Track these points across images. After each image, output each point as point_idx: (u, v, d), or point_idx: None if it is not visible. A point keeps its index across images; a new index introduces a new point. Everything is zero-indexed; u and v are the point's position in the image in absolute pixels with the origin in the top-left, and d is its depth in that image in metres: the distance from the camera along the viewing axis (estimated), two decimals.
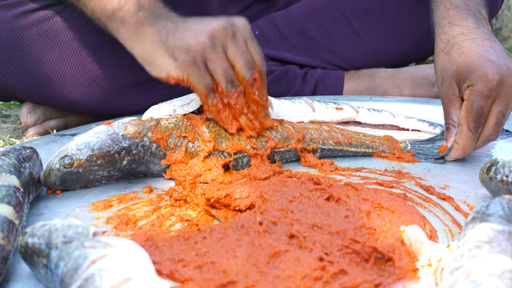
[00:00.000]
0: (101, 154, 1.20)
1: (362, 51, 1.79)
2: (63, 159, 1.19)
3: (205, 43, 1.22)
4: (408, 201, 1.15)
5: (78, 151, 1.20)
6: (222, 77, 1.23)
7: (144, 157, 1.24)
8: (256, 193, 1.13)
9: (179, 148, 1.26)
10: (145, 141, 1.24)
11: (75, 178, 1.21)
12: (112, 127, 1.23)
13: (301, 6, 1.82)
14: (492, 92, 1.24)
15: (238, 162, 1.29)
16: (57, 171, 1.19)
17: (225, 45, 1.23)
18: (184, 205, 1.17)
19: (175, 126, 1.27)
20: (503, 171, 1.10)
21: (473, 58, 1.27)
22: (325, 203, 1.08)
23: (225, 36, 1.23)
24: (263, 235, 0.99)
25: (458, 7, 1.35)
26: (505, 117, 1.28)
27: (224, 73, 1.23)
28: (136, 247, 0.88)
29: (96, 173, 1.22)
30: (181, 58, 1.22)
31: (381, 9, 1.76)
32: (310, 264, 0.92)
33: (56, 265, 0.87)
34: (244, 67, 1.24)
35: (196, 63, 1.22)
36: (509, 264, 0.80)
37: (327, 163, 1.31)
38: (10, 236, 0.98)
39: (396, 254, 0.94)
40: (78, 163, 1.19)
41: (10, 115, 1.94)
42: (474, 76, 1.25)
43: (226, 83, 1.23)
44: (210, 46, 1.22)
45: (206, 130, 1.28)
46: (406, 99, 1.66)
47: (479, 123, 1.27)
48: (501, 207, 0.93)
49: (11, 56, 1.51)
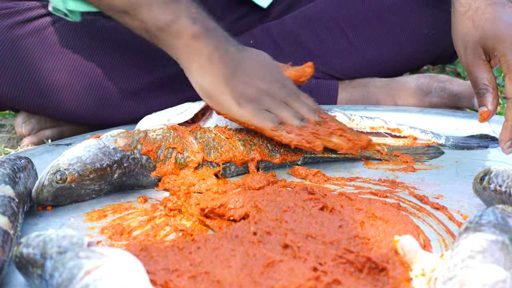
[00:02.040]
0: (94, 168, 1.20)
1: (357, 61, 1.79)
2: (55, 175, 1.18)
3: (271, 96, 1.29)
4: (402, 211, 1.15)
5: (70, 166, 1.19)
6: (294, 119, 1.29)
7: (135, 169, 1.24)
8: (250, 203, 1.13)
9: (169, 159, 1.26)
10: (135, 153, 1.23)
11: (67, 193, 1.20)
12: (102, 140, 1.23)
13: (296, 16, 1.82)
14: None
15: (226, 170, 1.30)
16: (50, 187, 1.18)
17: (284, 100, 1.30)
18: (178, 215, 1.17)
19: (163, 138, 1.27)
20: (497, 180, 1.10)
21: (500, 26, 1.27)
22: (319, 213, 1.09)
23: (285, 91, 1.31)
24: (257, 245, 1.00)
25: None
26: None
27: (294, 115, 1.29)
28: (130, 257, 0.88)
29: (88, 187, 1.21)
30: (245, 105, 1.28)
31: (376, 19, 1.76)
32: (304, 274, 0.92)
33: (50, 275, 0.87)
34: (310, 113, 1.30)
35: (260, 111, 1.28)
36: (502, 274, 0.81)
37: (318, 173, 1.31)
38: (5, 246, 0.98)
39: (390, 264, 0.94)
40: (71, 178, 1.19)
41: (5, 124, 1.94)
42: (505, 45, 1.25)
43: (300, 121, 1.29)
44: (275, 100, 1.29)
45: (194, 141, 1.28)
46: (399, 108, 1.67)
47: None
48: (494, 217, 0.94)
49: (6, 65, 1.51)
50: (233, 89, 1.28)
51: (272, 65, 1.36)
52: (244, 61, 1.31)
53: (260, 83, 1.30)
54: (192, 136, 1.29)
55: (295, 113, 1.30)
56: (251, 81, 1.29)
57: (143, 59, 1.61)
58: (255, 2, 1.83)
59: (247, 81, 1.29)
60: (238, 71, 1.29)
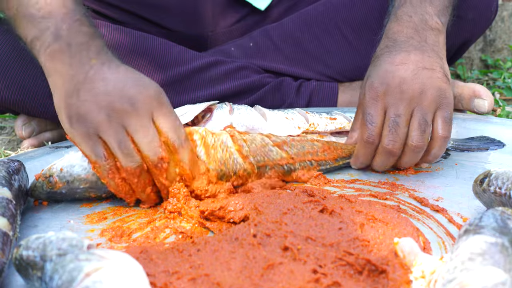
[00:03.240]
0: (83, 180, 1.20)
1: (357, 63, 1.79)
2: (48, 179, 1.19)
3: (103, 119, 1.13)
4: (401, 213, 1.15)
5: (61, 174, 1.20)
6: (118, 151, 1.14)
7: None
8: (250, 205, 1.13)
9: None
10: None
11: (60, 196, 1.22)
12: None
13: (295, 18, 1.83)
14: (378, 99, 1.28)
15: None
16: (41, 189, 1.20)
17: (125, 124, 1.14)
18: (178, 217, 1.17)
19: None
20: (497, 183, 1.10)
21: (377, 70, 1.31)
22: (319, 215, 1.09)
23: (126, 115, 1.14)
24: (257, 248, 1.00)
25: (399, 19, 1.38)
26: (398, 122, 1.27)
27: (118, 145, 1.14)
28: (130, 260, 0.88)
29: (82, 194, 1.22)
30: (76, 126, 1.15)
31: (375, 21, 1.76)
32: (304, 277, 0.92)
33: (50, 277, 0.87)
34: (146, 145, 1.15)
35: (89, 135, 1.14)
36: (502, 276, 0.81)
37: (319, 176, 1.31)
38: (5, 248, 0.98)
39: (390, 266, 0.94)
40: (59, 186, 1.20)
41: (5, 127, 1.94)
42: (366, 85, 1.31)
43: (124, 157, 1.15)
44: (107, 123, 1.14)
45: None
46: None
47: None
48: (494, 219, 0.94)
49: (6, 68, 1.51)
50: (69, 106, 1.15)
51: (136, 84, 1.16)
52: (99, 79, 1.16)
53: (102, 101, 1.14)
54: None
55: (124, 142, 1.14)
56: (93, 99, 1.14)
57: (142, 62, 1.61)
58: (253, 5, 1.83)
59: (87, 99, 1.14)
60: (84, 89, 1.15)
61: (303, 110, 1.45)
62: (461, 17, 1.59)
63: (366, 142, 1.29)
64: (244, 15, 1.86)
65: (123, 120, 1.14)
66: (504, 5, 2.54)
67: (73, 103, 1.15)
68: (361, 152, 1.31)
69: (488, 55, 2.56)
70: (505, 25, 2.56)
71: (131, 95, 1.15)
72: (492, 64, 2.53)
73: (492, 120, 1.59)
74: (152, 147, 1.15)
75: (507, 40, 2.57)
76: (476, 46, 2.54)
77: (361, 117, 1.32)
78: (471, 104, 1.70)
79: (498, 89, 2.25)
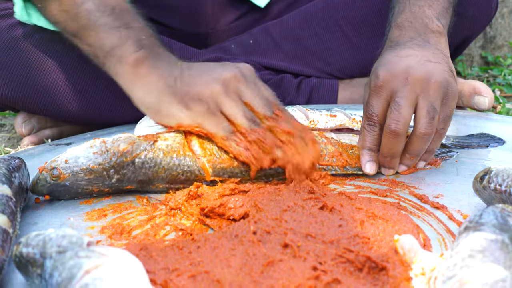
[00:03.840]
0: (88, 171, 1.20)
1: (357, 60, 1.79)
2: (52, 171, 1.19)
3: (218, 91, 1.20)
4: (402, 210, 1.15)
5: (66, 165, 1.19)
6: (242, 118, 1.20)
7: (135, 178, 1.22)
8: (250, 203, 1.13)
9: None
10: (137, 162, 1.22)
11: (63, 190, 1.20)
12: (106, 143, 1.21)
13: (296, 15, 1.82)
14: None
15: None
16: (44, 182, 1.19)
17: (238, 91, 1.22)
18: (178, 214, 1.17)
19: (171, 150, 1.23)
20: (497, 180, 1.10)
21: (381, 61, 1.31)
22: (319, 212, 1.09)
23: (237, 82, 1.22)
24: (257, 245, 1.00)
25: (400, 26, 1.38)
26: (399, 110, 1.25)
27: (244, 114, 1.20)
28: (130, 257, 0.88)
29: (85, 187, 1.21)
30: (194, 106, 1.21)
31: (376, 18, 1.76)
32: (304, 274, 0.92)
33: (50, 275, 0.87)
34: (263, 106, 1.22)
35: (210, 111, 1.20)
36: (502, 273, 0.81)
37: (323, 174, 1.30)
38: (5, 245, 0.98)
39: (390, 263, 0.94)
40: (64, 177, 1.19)
41: (5, 124, 1.94)
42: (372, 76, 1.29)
43: (248, 122, 1.21)
44: (224, 93, 1.20)
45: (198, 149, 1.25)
46: None
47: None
48: (494, 216, 0.94)
49: (6, 65, 1.51)
50: (177, 94, 1.21)
51: (223, 65, 1.26)
52: (195, 66, 1.25)
53: (211, 82, 1.21)
54: (198, 141, 1.25)
55: (246, 111, 1.21)
56: (201, 77, 1.22)
57: None
58: (253, 2, 1.83)
59: (195, 79, 1.22)
60: (186, 75, 1.23)
61: (303, 107, 1.45)
62: (461, 14, 1.59)
63: (368, 125, 1.28)
64: (244, 13, 1.85)
65: (236, 87, 1.21)
66: (504, 2, 2.54)
67: (180, 88, 1.21)
68: (366, 136, 1.29)
69: (489, 52, 2.56)
70: (505, 22, 2.56)
71: (237, 68, 1.23)
72: (493, 61, 2.53)
73: (492, 117, 1.59)
74: (268, 106, 1.22)
75: (507, 37, 2.57)
76: (476, 43, 2.54)
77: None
78: (471, 101, 1.70)
79: (499, 86, 2.25)
